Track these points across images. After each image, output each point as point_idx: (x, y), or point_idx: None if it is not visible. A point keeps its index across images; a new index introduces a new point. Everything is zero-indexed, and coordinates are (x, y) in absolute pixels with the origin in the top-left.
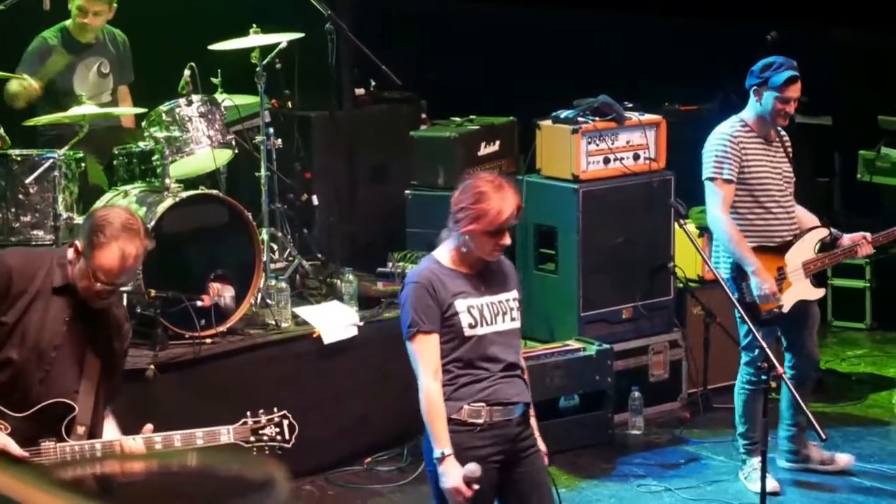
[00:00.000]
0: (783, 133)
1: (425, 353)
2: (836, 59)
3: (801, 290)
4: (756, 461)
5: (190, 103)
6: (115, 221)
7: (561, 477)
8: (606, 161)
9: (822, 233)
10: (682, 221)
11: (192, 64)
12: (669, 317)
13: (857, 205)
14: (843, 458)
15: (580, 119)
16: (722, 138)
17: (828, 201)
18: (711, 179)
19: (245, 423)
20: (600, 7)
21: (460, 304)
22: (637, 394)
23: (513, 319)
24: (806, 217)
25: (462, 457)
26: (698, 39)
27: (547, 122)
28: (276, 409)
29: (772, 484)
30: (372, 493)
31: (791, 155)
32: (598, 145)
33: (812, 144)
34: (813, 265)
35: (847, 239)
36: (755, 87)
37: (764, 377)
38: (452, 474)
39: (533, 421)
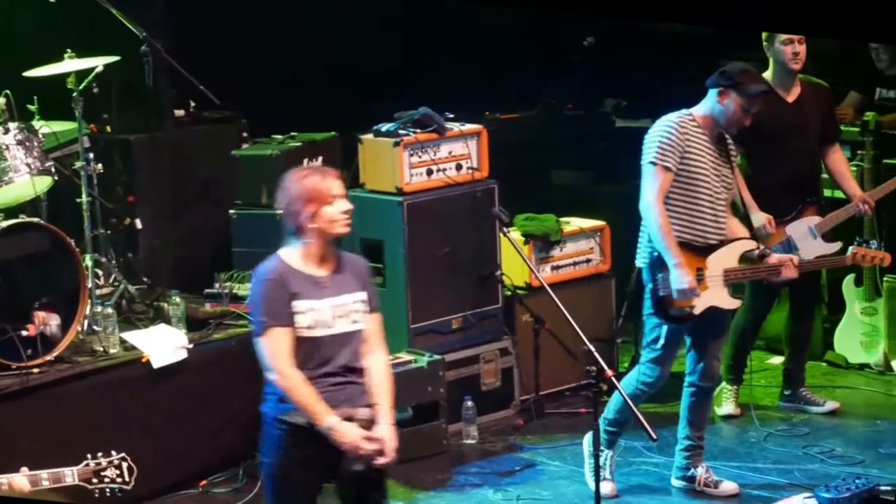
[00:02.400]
0: (730, 144)
1: (280, 346)
2: (659, 62)
3: (715, 296)
4: (609, 456)
5: (6, 131)
6: None
7: (397, 490)
8: (429, 172)
9: (749, 244)
10: (505, 230)
11: (7, 91)
12: (499, 325)
13: None
14: (729, 486)
15: (401, 132)
16: (669, 125)
17: None
18: (652, 164)
19: (87, 464)
20: (415, 19)
21: (300, 305)
22: (470, 403)
23: (354, 322)
24: (738, 229)
25: (291, 456)
26: (516, 47)
27: (368, 136)
28: (114, 452)
29: (607, 487)
30: None
31: (734, 163)
32: (420, 157)
33: (633, 147)
34: (734, 275)
35: (775, 258)
36: (723, 88)
37: (594, 380)
38: (348, 432)
39: (381, 420)
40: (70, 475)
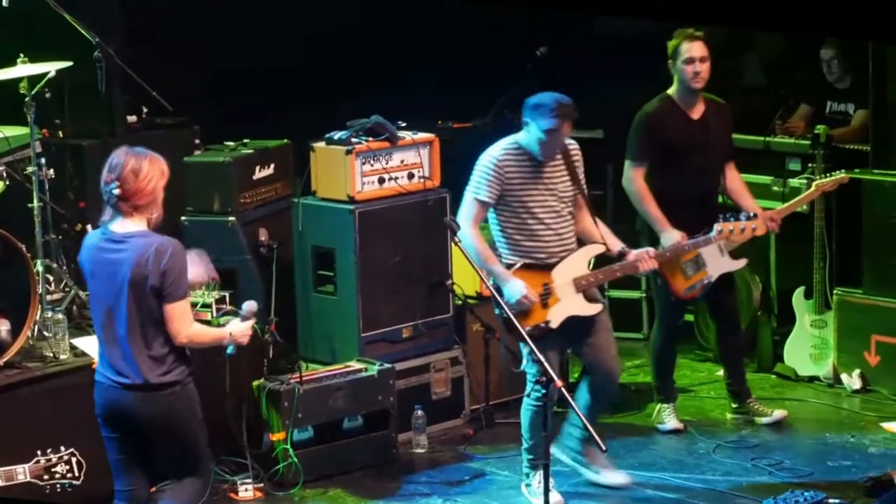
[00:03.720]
0: (572, 149)
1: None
2: (606, 73)
3: (571, 305)
4: (540, 475)
5: None
6: None
7: (347, 498)
8: (381, 181)
9: (597, 249)
10: (456, 239)
11: None
12: (449, 334)
13: (632, 216)
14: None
15: (354, 140)
16: (489, 161)
17: (602, 213)
18: (470, 193)
19: (38, 461)
20: (369, 25)
21: None
22: (420, 412)
23: None
24: (597, 234)
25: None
26: (469, 55)
27: (321, 144)
28: (63, 448)
29: (555, 498)
30: None
31: (577, 167)
32: (372, 165)
33: (585, 158)
34: (585, 280)
35: (632, 255)
36: (525, 120)
37: (543, 391)
38: (243, 327)
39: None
40: (22, 472)
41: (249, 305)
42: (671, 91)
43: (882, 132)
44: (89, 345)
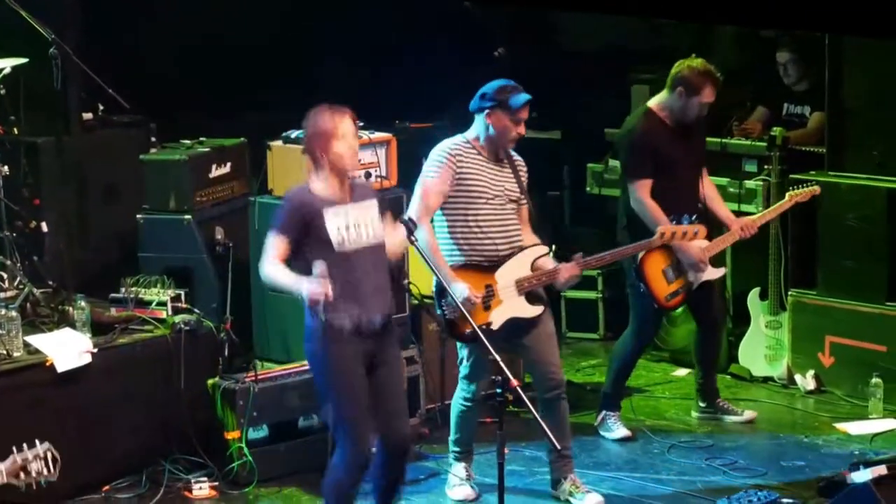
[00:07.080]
0: (517, 158)
1: (273, 247)
2: (564, 74)
3: (512, 307)
4: (460, 467)
5: None
6: None
7: (301, 497)
8: None
9: (540, 250)
10: (413, 238)
11: None
12: (405, 334)
13: (587, 217)
14: (593, 499)
15: None
16: (442, 151)
17: (559, 214)
18: (423, 180)
19: (14, 460)
20: (327, 25)
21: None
22: None
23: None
24: (530, 239)
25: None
26: (428, 56)
27: (277, 143)
28: (38, 442)
29: (466, 491)
30: None
31: (523, 179)
32: None
33: (542, 158)
34: (527, 283)
35: (562, 265)
36: (488, 110)
37: (499, 390)
38: (308, 283)
39: None
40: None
41: (320, 267)
42: (655, 103)
43: (838, 134)
44: (43, 343)
